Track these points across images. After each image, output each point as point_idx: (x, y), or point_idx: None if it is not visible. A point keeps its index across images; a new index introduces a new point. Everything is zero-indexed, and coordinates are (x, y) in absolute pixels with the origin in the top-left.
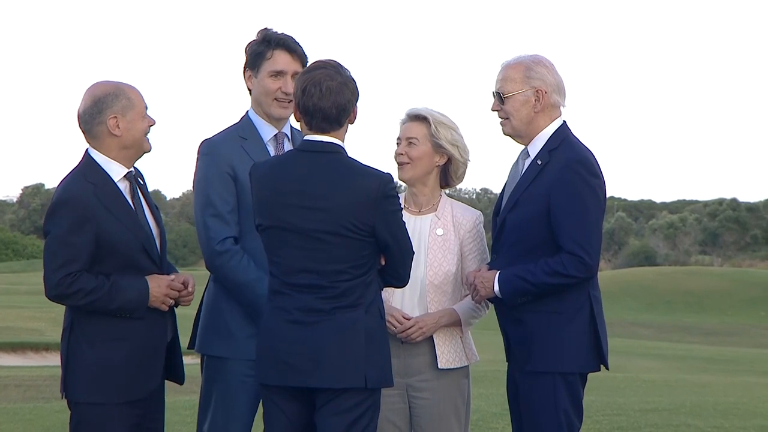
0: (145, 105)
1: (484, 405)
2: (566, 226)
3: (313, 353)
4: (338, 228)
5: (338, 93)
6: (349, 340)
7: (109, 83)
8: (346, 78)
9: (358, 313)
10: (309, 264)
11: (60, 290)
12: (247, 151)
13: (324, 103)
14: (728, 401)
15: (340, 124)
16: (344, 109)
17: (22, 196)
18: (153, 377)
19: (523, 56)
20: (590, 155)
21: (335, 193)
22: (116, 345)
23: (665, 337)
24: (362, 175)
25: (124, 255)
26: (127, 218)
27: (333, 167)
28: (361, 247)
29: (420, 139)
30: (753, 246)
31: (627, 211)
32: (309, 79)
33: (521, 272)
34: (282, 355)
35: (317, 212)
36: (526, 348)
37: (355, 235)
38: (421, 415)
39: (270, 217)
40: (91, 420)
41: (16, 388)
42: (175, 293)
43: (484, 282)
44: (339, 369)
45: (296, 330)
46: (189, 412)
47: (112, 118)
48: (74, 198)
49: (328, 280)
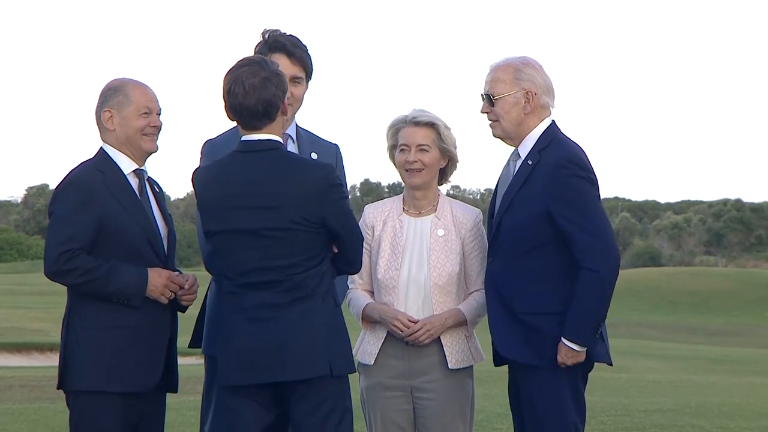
0: (147, 105)
1: (488, 405)
2: (574, 227)
3: (275, 348)
4: (288, 224)
5: (262, 88)
6: (309, 330)
7: (117, 79)
8: (270, 72)
9: (315, 303)
10: (262, 262)
11: (57, 266)
12: None
13: (249, 100)
14: (733, 402)
15: (271, 118)
16: (270, 103)
17: (27, 197)
18: (153, 372)
19: (511, 58)
20: (580, 151)
21: (281, 189)
22: (113, 332)
23: (670, 338)
24: (305, 168)
25: (127, 244)
26: (132, 208)
27: (274, 164)
28: (312, 239)
29: (430, 145)
30: (758, 246)
31: (631, 212)
32: (231, 79)
33: (575, 315)
34: (244, 354)
35: (266, 211)
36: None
37: (306, 229)
38: (426, 416)
39: (219, 222)
40: (87, 410)
41: (21, 389)
42: (175, 287)
43: (569, 356)
44: (303, 360)
45: (255, 327)
46: (193, 413)
47: (106, 112)
48: (80, 180)
49: (283, 275)
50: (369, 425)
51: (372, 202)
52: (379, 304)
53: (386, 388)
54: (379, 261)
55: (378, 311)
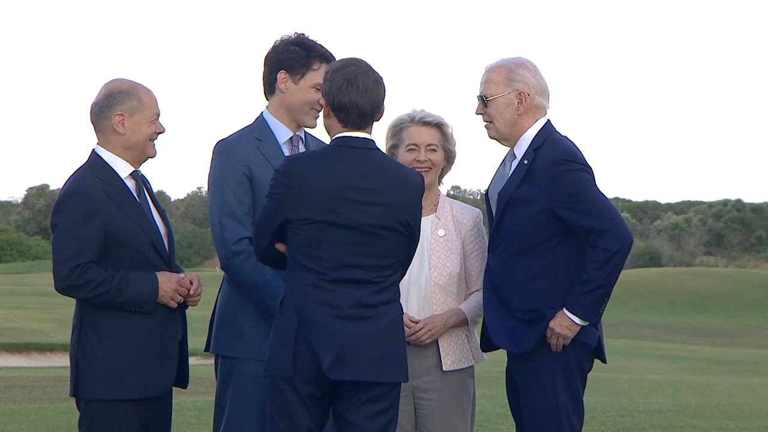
0: (157, 111)
1: (489, 406)
2: (580, 216)
3: (362, 348)
4: (393, 223)
5: (374, 91)
6: (394, 335)
7: (126, 81)
8: (378, 77)
9: (396, 308)
10: (358, 259)
11: (69, 282)
12: (262, 153)
13: (361, 99)
14: (733, 402)
15: (375, 120)
16: (378, 106)
17: (27, 197)
18: (167, 374)
19: (505, 59)
20: (574, 148)
21: (392, 189)
22: (126, 340)
23: (670, 338)
24: (405, 171)
25: (133, 250)
26: (135, 213)
27: (383, 164)
28: (404, 242)
29: (438, 144)
30: (758, 247)
31: (632, 212)
32: (344, 76)
33: (580, 289)
34: (331, 349)
35: (375, 207)
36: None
37: (403, 230)
38: (427, 416)
39: (324, 212)
40: (102, 419)
41: (21, 389)
42: (184, 290)
43: (562, 326)
44: (387, 364)
45: (347, 325)
46: (194, 413)
47: (118, 115)
48: (82, 191)
49: (375, 275)
50: None
51: None
52: None
53: None
54: None
55: None
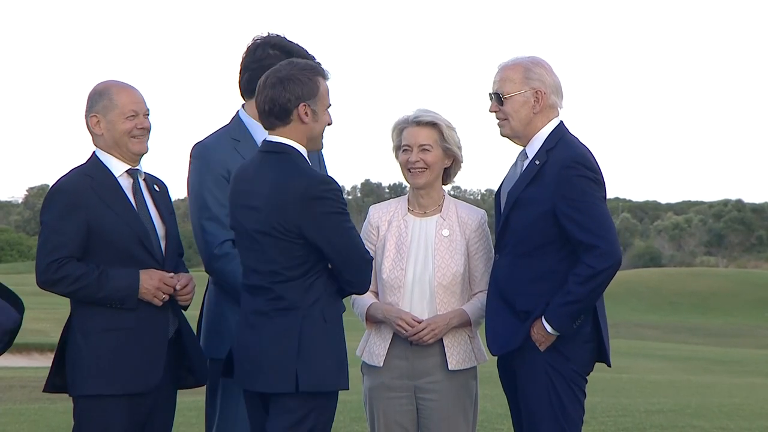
0: (133, 108)
1: (489, 406)
2: (575, 225)
3: (254, 356)
4: (267, 228)
5: (272, 87)
6: (282, 344)
7: (102, 82)
8: (287, 75)
9: (293, 318)
10: (253, 264)
11: (47, 276)
12: (240, 153)
13: (258, 96)
14: (733, 402)
15: (281, 120)
16: (278, 105)
17: (27, 197)
18: (153, 372)
19: (520, 57)
20: (587, 152)
21: (265, 191)
22: (109, 336)
23: (670, 338)
24: (295, 175)
25: (119, 247)
26: (122, 210)
27: (276, 167)
28: (290, 248)
29: (432, 144)
30: (758, 247)
31: (632, 212)
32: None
33: (560, 299)
34: (236, 356)
35: (254, 211)
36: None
37: (282, 236)
38: (429, 416)
39: (231, 218)
40: (90, 414)
41: (21, 389)
42: (169, 288)
43: (539, 333)
44: (272, 373)
45: (246, 332)
46: (194, 413)
47: (93, 117)
48: (65, 186)
49: (267, 281)
50: (372, 425)
51: (373, 203)
52: (383, 303)
53: (390, 389)
54: (384, 261)
55: (382, 311)
